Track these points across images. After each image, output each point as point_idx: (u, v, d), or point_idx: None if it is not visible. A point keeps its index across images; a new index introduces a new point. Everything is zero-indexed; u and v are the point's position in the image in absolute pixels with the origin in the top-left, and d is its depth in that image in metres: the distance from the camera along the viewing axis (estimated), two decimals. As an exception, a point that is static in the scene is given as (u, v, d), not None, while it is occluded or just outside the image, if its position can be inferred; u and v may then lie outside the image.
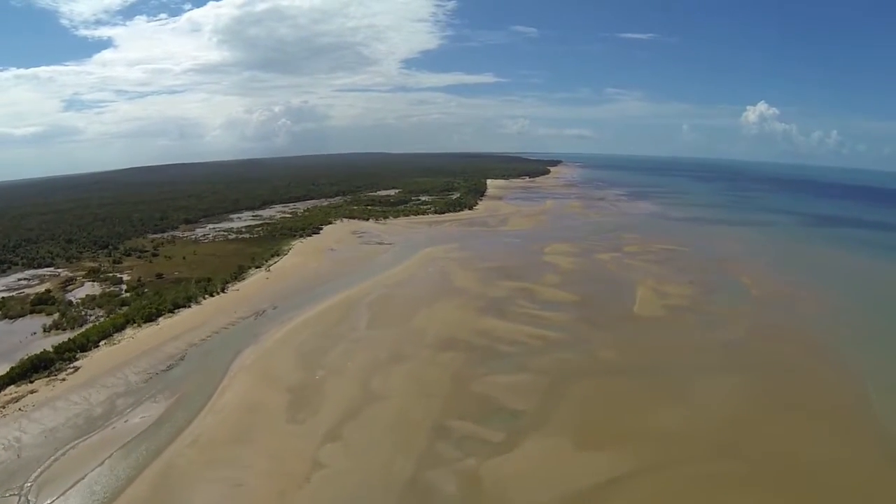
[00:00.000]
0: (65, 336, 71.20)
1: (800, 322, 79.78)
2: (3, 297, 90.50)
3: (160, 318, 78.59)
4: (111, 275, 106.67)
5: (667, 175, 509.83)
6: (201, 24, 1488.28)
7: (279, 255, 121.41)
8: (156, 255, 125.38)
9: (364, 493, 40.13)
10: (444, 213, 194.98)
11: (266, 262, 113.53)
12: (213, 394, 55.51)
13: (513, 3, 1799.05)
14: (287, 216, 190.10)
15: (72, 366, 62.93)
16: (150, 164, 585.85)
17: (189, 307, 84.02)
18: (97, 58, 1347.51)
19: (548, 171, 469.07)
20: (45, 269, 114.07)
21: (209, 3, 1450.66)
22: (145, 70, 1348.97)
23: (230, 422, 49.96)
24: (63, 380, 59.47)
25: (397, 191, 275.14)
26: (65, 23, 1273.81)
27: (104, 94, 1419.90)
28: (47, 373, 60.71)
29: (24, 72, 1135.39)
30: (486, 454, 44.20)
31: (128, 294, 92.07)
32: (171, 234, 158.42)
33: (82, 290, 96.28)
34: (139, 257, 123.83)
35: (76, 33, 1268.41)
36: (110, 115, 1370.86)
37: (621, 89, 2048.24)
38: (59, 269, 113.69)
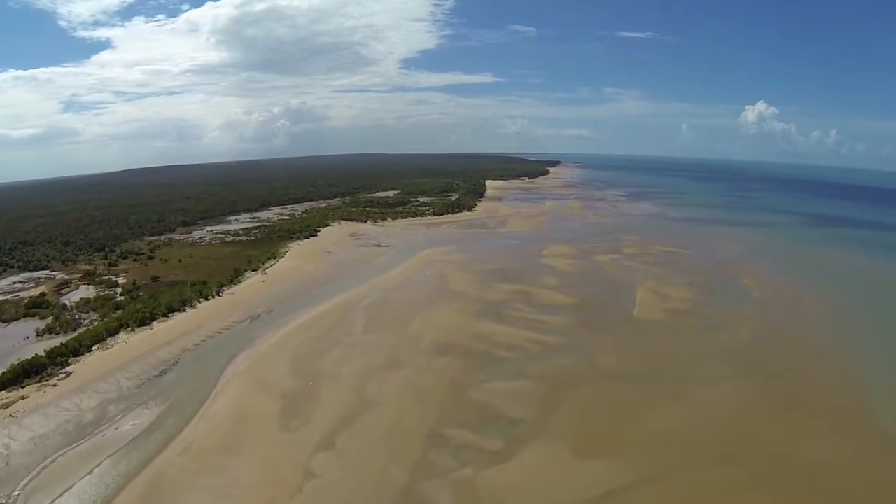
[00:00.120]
0: (58, 340, 70.68)
1: (803, 325, 78.86)
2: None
3: (154, 322, 78.01)
4: (106, 278, 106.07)
5: (666, 175, 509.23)
6: (199, 24, 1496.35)
7: (276, 257, 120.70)
8: (152, 258, 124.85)
9: (356, 505, 39.28)
10: (442, 214, 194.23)
11: (262, 265, 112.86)
12: (206, 400, 54.82)
13: (511, 3, 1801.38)
14: (285, 218, 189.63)
15: (64, 371, 62.29)
16: (148, 166, 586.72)
17: (184, 311, 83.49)
18: (95, 59, 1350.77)
19: (547, 172, 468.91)
20: (40, 272, 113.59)
21: (207, 4, 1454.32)
22: (143, 71, 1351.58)
23: (222, 429, 49.19)
24: (54, 385, 58.77)
25: (396, 192, 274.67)
26: (63, 24, 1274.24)
27: (102, 96, 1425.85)
28: (39, 378, 60.11)
29: (22, 73, 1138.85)
30: (482, 464, 43.35)
31: (122, 298, 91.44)
32: (167, 236, 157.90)
33: (77, 294, 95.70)
34: (135, 260, 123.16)
35: (74, 34, 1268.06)
36: (109, 117, 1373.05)
37: (620, 89, 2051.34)
38: (55, 272, 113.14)
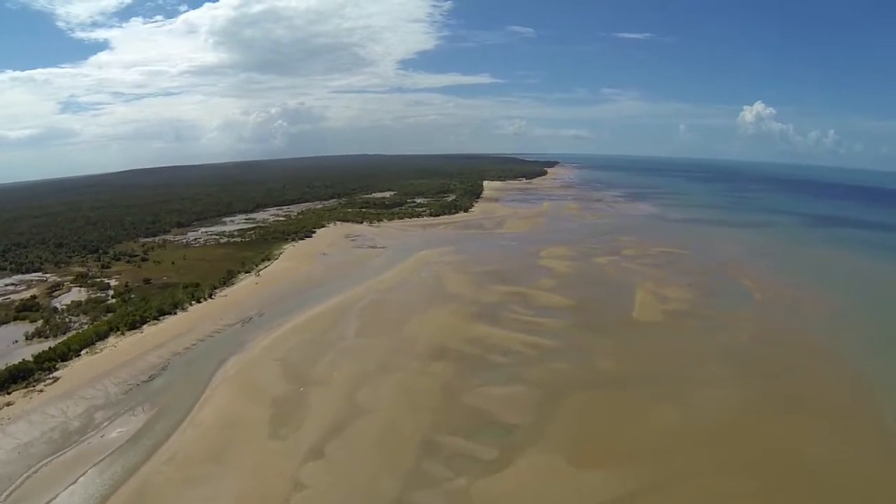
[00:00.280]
0: (47, 344, 69.37)
1: (805, 327, 77.54)
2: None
3: (145, 326, 76.79)
4: (99, 280, 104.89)
5: (664, 175, 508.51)
6: (197, 25, 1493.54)
7: (270, 259, 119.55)
8: (145, 260, 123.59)
9: (346, 517, 38.13)
10: (438, 215, 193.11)
11: (256, 266, 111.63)
12: (194, 406, 53.58)
13: (509, 4, 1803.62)
14: (280, 219, 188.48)
15: (51, 376, 61.11)
16: (146, 167, 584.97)
17: (175, 314, 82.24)
18: (93, 60, 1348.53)
19: (545, 173, 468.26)
20: (33, 275, 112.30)
21: (205, 5, 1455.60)
22: (141, 72, 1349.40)
23: (209, 437, 47.96)
24: (41, 391, 57.68)
25: (392, 193, 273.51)
26: (61, 25, 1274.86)
27: (100, 97, 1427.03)
28: (25, 384, 58.92)
29: (19, 74, 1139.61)
30: (477, 473, 42.01)
31: (114, 300, 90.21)
32: (162, 237, 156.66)
33: (69, 296, 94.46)
34: (128, 262, 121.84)
35: (72, 35, 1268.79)
36: (106, 118, 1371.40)
37: (618, 89, 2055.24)
38: (48, 275, 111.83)
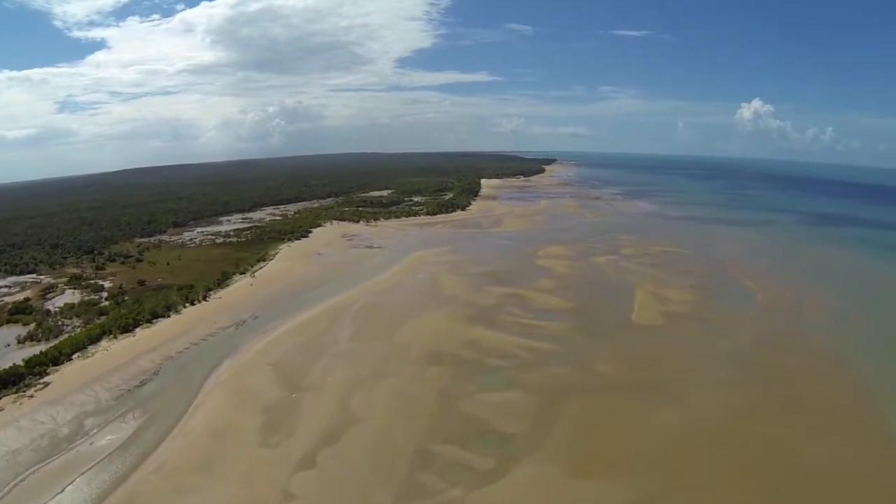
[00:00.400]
0: (39, 348, 68.70)
1: (807, 329, 76.49)
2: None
3: (138, 329, 76.16)
4: (93, 282, 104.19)
5: (662, 173, 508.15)
6: (194, 24, 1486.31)
7: (265, 259, 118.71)
8: (140, 261, 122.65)
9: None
10: (436, 214, 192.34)
11: (251, 267, 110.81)
12: (185, 413, 52.80)
13: (507, 1, 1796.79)
14: (277, 218, 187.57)
15: (42, 381, 60.51)
16: (143, 166, 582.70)
17: (168, 317, 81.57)
18: (90, 59, 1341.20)
19: (542, 170, 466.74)
20: (27, 276, 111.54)
21: (202, 4, 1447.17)
22: (139, 71, 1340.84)
23: (199, 445, 47.06)
24: (31, 396, 57.05)
25: (390, 191, 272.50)
26: (58, 24, 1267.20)
27: (98, 96, 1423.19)
28: (16, 389, 58.31)
29: (16, 74, 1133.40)
30: (472, 484, 40.96)
31: (107, 303, 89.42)
32: (158, 238, 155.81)
33: (62, 298, 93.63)
34: (123, 263, 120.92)
35: (69, 35, 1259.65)
36: (104, 117, 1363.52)
37: (616, 87, 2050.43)
38: (42, 276, 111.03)
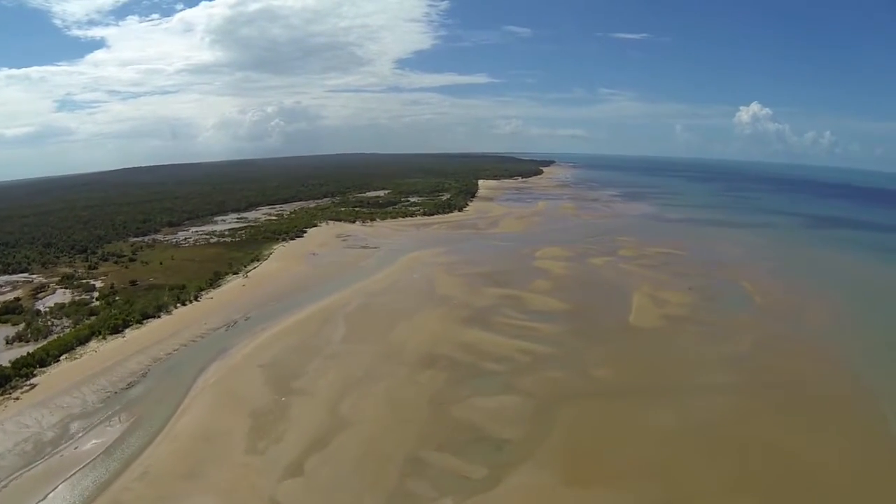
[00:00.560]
0: (27, 349, 67.71)
1: (807, 333, 75.63)
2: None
3: (127, 330, 75.19)
4: (84, 281, 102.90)
5: (661, 175, 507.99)
6: (193, 24, 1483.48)
7: (259, 259, 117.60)
8: (133, 260, 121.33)
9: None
10: (432, 214, 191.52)
11: (245, 267, 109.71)
12: (171, 417, 51.70)
13: (506, 3, 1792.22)
14: (272, 218, 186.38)
15: (28, 383, 59.62)
16: (141, 165, 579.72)
17: (159, 317, 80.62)
18: (89, 58, 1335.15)
19: (541, 172, 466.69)
20: (19, 275, 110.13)
21: (201, 3, 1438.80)
22: (138, 70, 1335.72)
23: (185, 450, 45.91)
24: (17, 399, 56.11)
25: (387, 192, 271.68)
26: (57, 23, 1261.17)
27: (97, 95, 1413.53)
28: (1, 391, 57.47)
29: (15, 72, 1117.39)
30: (465, 493, 39.80)
31: (98, 303, 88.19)
32: (152, 237, 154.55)
33: (53, 298, 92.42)
34: (116, 262, 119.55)
35: (68, 33, 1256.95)
36: (103, 116, 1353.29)
37: (615, 89, 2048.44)
38: (34, 275, 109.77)
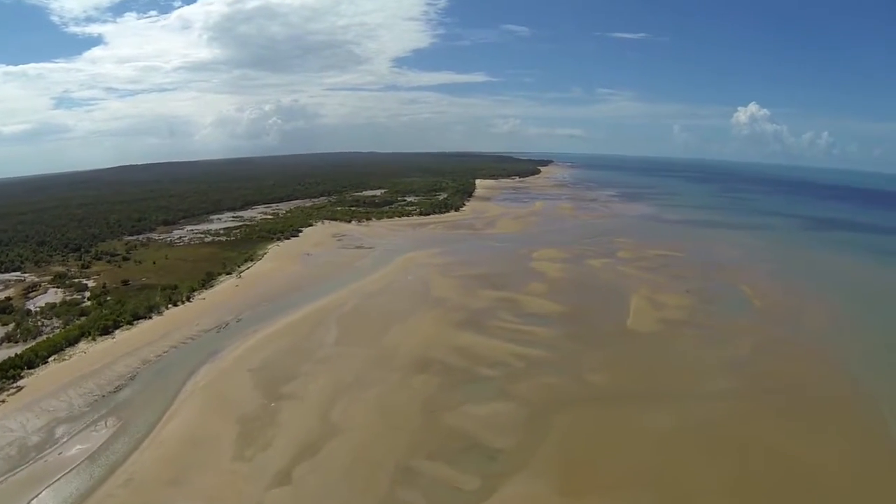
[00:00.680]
0: (16, 349, 66.70)
1: (807, 336, 74.75)
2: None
3: (118, 331, 74.28)
4: (77, 281, 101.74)
5: (658, 176, 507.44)
6: (191, 21, 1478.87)
7: (253, 259, 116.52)
8: (127, 259, 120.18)
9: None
10: (428, 214, 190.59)
11: (238, 267, 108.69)
12: (159, 422, 50.73)
13: (504, 2, 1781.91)
14: (268, 217, 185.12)
15: (15, 385, 58.75)
16: (139, 163, 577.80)
17: (150, 318, 79.63)
18: (87, 55, 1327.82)
19: (538, 171, 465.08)
20: (11, 274, 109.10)
21: (199, 1, 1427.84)
22: (135, 68, 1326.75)
23: (171, 457, 44.93)
24: (3, 402, 55.37)
25: (383, 191, 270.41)
26: (55, 19, 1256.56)
27: (94, 92, 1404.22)
28: (-12, 393, 56.27)
29: (13, 68, 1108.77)
30: (456, 504, 38.89)
31: (89, 303, 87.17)
32: (146, 235, 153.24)
33: (45, 298, 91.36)
34: (109, 262, 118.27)
35: (66, 30, 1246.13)
36: (100, 113, 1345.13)
37: (613, 89, 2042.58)
38: (26, 274, 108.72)
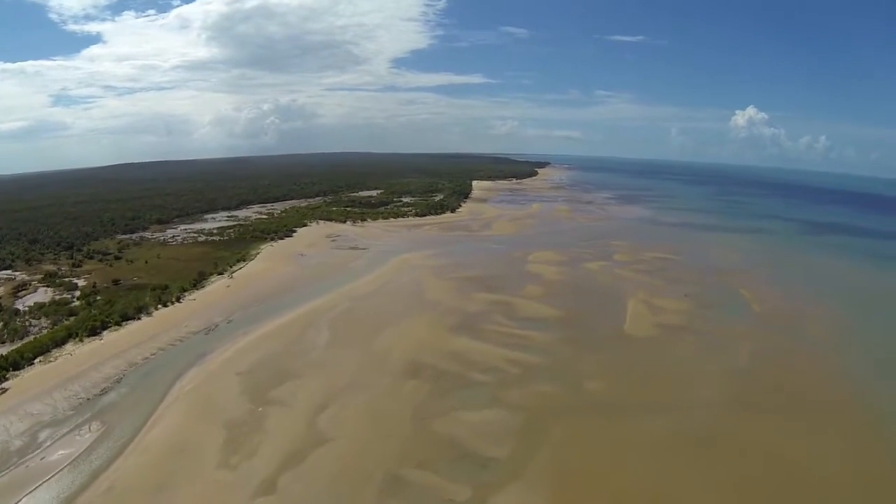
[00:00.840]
0: (2, 350, 65.49)
1: (809, 342, 74.05)
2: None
3: (105, 332, 73.20)
4: (67, 280, 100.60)
5: (656, 178, 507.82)
6: (190, 20, 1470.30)
7: (245, 259, 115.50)
8: (119, 258, 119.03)
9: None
10: (424, 215, 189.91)
11: (230, 267, 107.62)
12: (143, 427, 49.64)
13: (503, 4, 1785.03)
14: (263, 217, 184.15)
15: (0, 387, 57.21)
16: (136, 161, 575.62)
17: (139, 319, 78.57)
18: (85, 53, 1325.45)
19: (535, 173, 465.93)
20: (1, 272, 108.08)
21: (198, 0, 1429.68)
22: (134, 66, 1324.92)
23: (154, 464, 43.80)
24: (-14, 404, 53.69)
25: (380, 191, 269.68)
26: (53, 17, 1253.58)
27: (92, 90, 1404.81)
28: (-30, 396, 54.95)
29: (10, 66, 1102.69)
30: (446, 516, 37.84)
31: (79, 302, 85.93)
32: (140, 234, 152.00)
33: (34, 297, 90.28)
34: (101, 260, 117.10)
35: (64, 28, 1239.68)
36: (98, 111, 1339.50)
37: (610, 91, 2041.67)
38: (17, 272, 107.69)
